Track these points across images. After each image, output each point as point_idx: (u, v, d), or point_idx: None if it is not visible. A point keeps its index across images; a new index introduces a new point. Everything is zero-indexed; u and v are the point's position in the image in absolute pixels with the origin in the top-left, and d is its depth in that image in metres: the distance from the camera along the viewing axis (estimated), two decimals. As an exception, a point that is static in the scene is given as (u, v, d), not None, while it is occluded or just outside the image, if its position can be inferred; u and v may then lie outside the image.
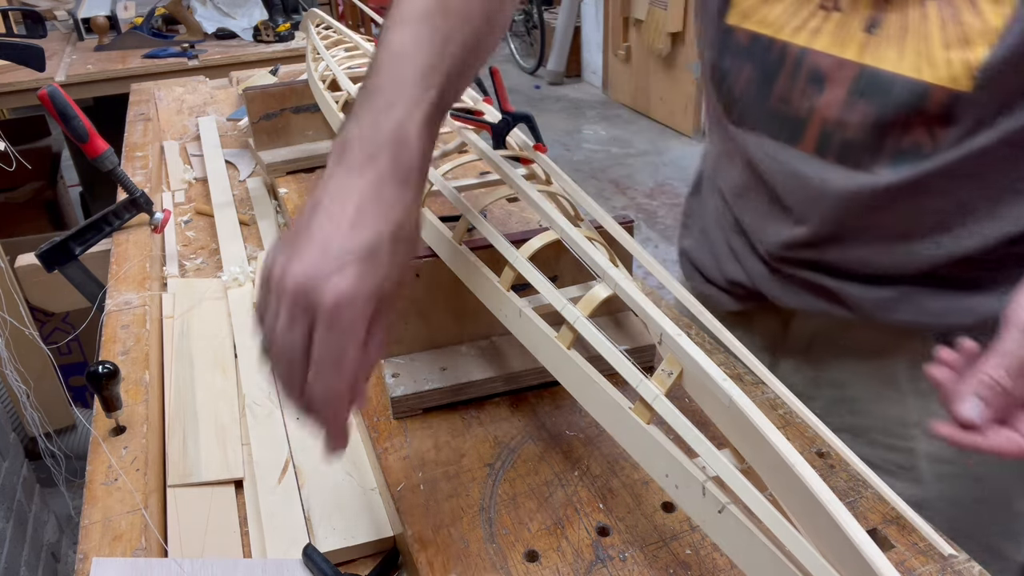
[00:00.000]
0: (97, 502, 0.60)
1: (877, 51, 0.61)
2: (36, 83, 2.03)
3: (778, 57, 0.69)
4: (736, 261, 0.79)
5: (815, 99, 0.65)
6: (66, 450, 1.00)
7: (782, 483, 0.38)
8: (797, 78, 0.67)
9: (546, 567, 0.51)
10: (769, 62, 0.69)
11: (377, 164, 0.44)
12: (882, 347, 0.71)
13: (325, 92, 0.99)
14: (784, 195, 0.70)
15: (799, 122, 0.67)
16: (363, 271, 0.41)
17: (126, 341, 0.80)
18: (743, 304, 0.81)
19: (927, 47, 0.57)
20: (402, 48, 0.49)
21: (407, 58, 0.49)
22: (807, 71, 0.66)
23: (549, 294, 0.53)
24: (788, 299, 0.74)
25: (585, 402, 0.50)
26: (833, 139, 0.65)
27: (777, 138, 0.70)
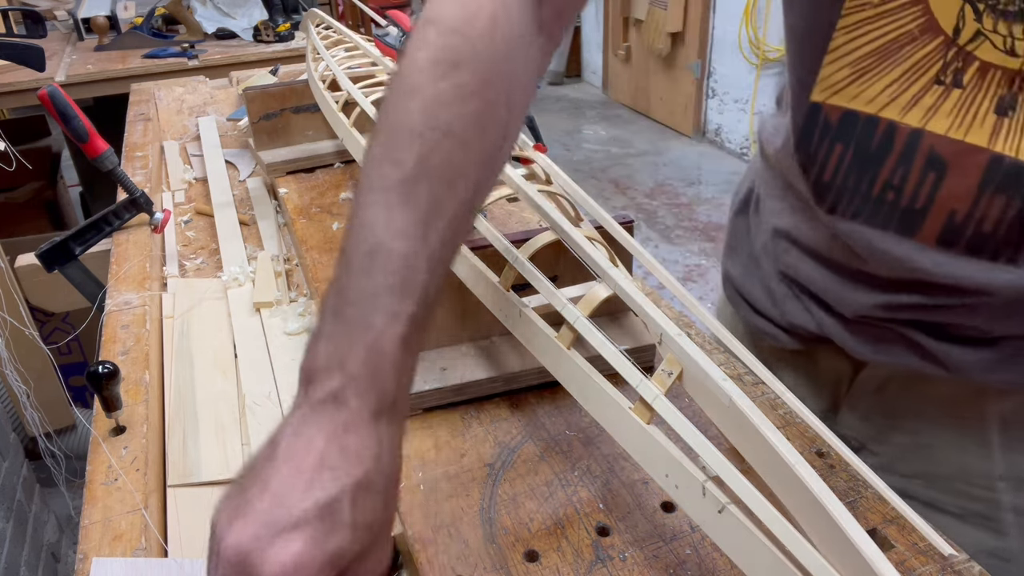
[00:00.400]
0: (97, 502, 0.60)
1: (1015, 139, 0.53)
2: (36, 83, 2.03)
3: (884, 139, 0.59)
4: (798, 301, 0.71)
5: (936, 188, 0.57)
6: (66, 450, 1.00)
7: (782, 483, 0.38)
8: (910, 163, 0.58)
9: (546, 567, 0.51)
10: (871, 144, 0.60)
11: (345, 403, 0.38)
12: (971, 400, 0.64)
13: (325, 92, 0.99)
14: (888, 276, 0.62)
15: (915, 212, 0.59)
16: (316, 535, 0.36)
17: (126, 341, 0.80)
18: (805, 345, 0.72)
19: None
20: (375, 237, 0.41)
21: (382, 254, 0.41)
22: (923, 156, 0.57)
23: (549, 294, 0.53)
24: (867, 352, 0.66)
25: (585, 402, 0.50)
26: (964, 232, 0.57)
27: (885, 228, 0.61)
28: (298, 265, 0.97)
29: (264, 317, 0.87)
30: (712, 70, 4.06)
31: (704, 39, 4.02)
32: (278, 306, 0.89)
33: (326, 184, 1.08)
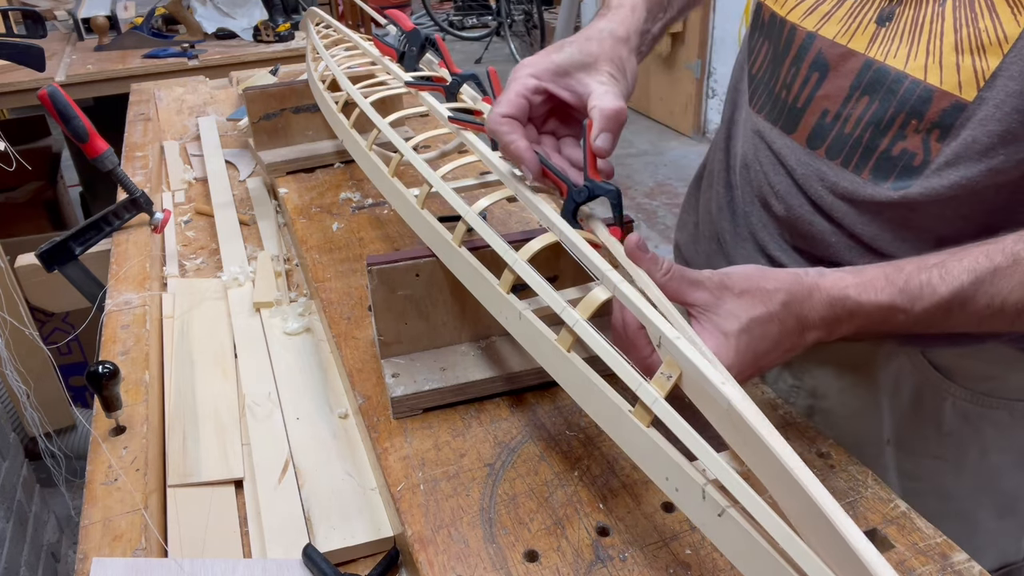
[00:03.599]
0: (97, 502, 0.60)
1: (887, 46, 0.58)
2: (36, 83, 2.03)
3: (788, 40, 0.66)
4: (721, 253, 0.78)
5: (816, 88, 0.63)
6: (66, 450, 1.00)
7: (781, 486, 0.38)
8: (801, 63, 0.65)
9: (546, 567, 0.51)
10: (779, 44, 0.67)
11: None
12: (865, 360, 0.69)
13: (325, 92, 0.99)
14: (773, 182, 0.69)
15: (797, 111, 0.65)
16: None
17: (126, 341, 0.80)
18: None
19: (939, 48, 0.55)
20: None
21: None
22: (811, 57, 0.64)
23: (548, 297, 0.53)
24: None
25: (585, 404, 0.50)
26: (828, 132, 0.63)
27: (775, 123, 0.68)
28: (298, 265, 0.97)
29: (264, 317, 0.87)
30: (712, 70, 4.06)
31: (704, 39, 4.02)
32: (278, 306, 0.89)
33: (326, 184, 1.08)
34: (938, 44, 0.55)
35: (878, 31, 0.59)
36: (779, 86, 0.67)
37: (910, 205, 0.59)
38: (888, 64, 0.58)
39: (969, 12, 0.53)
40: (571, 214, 0.58)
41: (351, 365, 0.71)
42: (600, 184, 0.56)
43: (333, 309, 0.79)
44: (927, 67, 0.56)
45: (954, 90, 0.54)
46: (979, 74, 0.53)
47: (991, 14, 0.52)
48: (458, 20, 6.84)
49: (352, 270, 0.86)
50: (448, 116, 0.74)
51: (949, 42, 0.54)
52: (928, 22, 0.56)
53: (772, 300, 0.50)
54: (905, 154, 0.58)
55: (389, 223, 0.96)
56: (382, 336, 0.67)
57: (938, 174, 0.57)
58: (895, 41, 0.58)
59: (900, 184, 0.59)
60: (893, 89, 0.58)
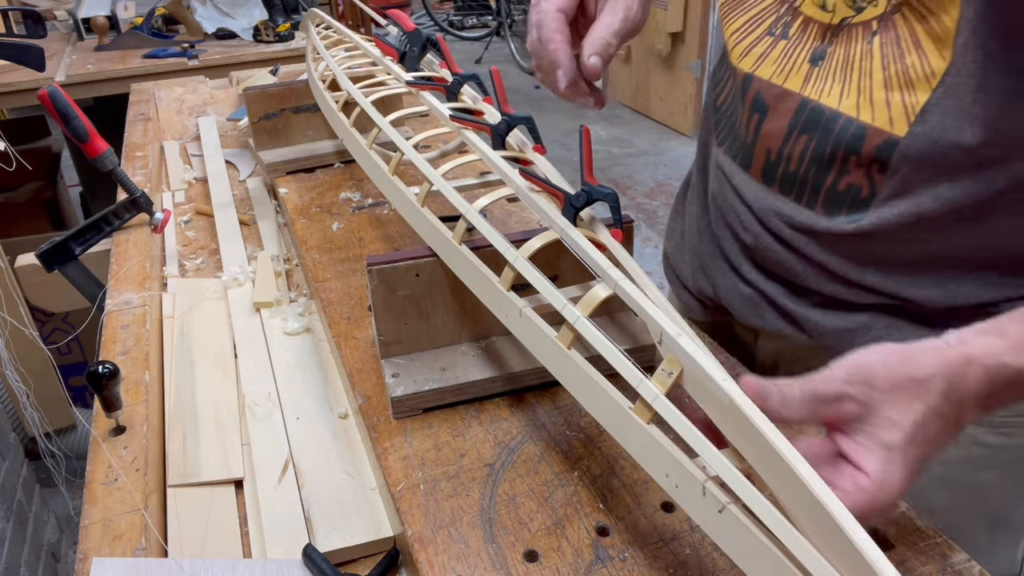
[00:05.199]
0: (97, 502, 0.60)
1: (820, 85, 0.59)
2: (36, 83, 2.03)
3: (732, 79, 0.68)
4: (703, 271, 0.78)
5: (759, 127, 0.64)
6: (66, 450, 1.00)
7: (782, 482, 0.38)
8: (744, 103, 0.66)
9: (546, 567, 0.51)
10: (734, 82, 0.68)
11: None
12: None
13: (325, 92, 0.99)
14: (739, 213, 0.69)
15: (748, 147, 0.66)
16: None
17: (126, 341, 0.80)
18: (713, 316, 0.79)
19: (869, 86, 0.56)
20: None
21: None
22: (752, 97, 0.65)
23: (549, 294, 0.53)
24: (750, 317, 0.72)
25: (585, 402, 0.50)
26: (777, 170, 0.63)
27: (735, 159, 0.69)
28: (298, 265, 0.97)
29: (264, 317, 0.87)
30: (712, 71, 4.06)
31: (704, 39, 4.02)
32: (278, 306, 0.89)
33: (326, 184, 1.08)
34: (868, 82, 0.56)
35: (812, 70, 0.60)
36: (737, 122, 0.68)
37: (866, 236, 0.59)
38: (822, 103, 0.59)
39: (896, 49, 0.54)
40: (571, 220, 0.58)
41: (351, 365, 0.71)
42: (597, 188, 0.57)
43: (333, 309, 0.79)
44: (859, 105, 0.56)
45: (885, 126, 0.55)
46: (909, 109, 0.53)
47: (917, 50, 0.53)
48: (458, 20, 6.84)
49: (352, 270, 0.86)
50: (449, 115, 0.75)
51: (878, 79, 0.55)
52: (858, 60, 0.57)
53: (930, 392, 0.42)
54: (851, 188, 0.59)
55: (389, 223, 0.96)
56: (382, 336, 0.67)
57: (888, 205, 0.57)
58: (828, 80, 0.59)
59: (853, 217, 0.59)
60: (829, 127, 0.58)
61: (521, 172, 0.63)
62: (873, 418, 0.41)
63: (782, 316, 0.69)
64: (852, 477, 0.40)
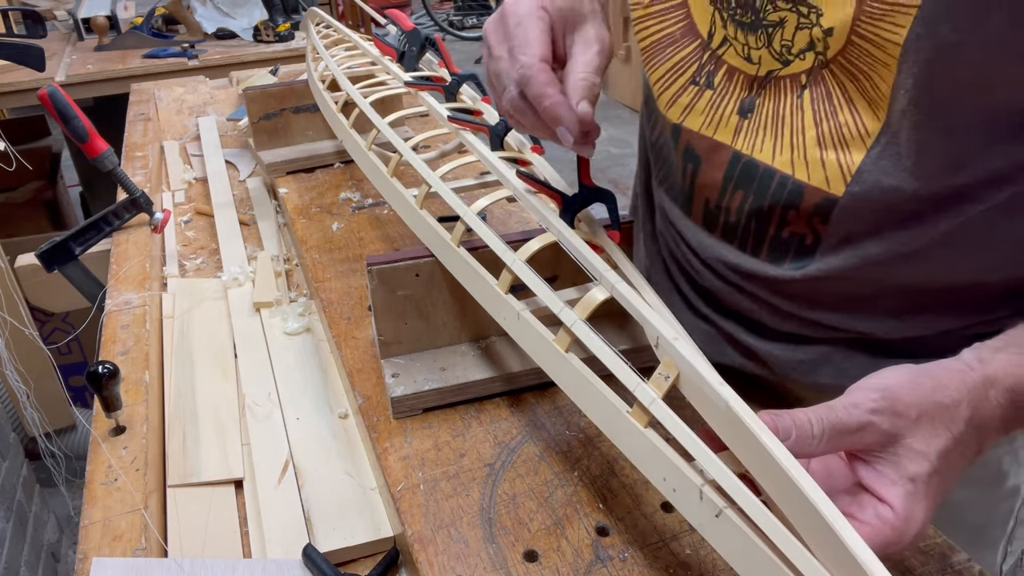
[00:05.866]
0: (97, 502, 0.60)
1: (752, 138, 0.57)
2: (36, 83, 2.03)
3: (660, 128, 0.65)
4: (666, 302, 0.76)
5: (694, 177, 0.62)
6: (66, 450, 1.00)
7: (778, 487, 0.38)
8: (674, 153, 0.64)
9: (546, 567, 0.51)
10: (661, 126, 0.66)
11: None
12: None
13: (325, 92, 0.99)
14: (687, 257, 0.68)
15: (686, 195, 0.64)
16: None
17: (126, 341, 0.80)
18: None
19: (802, 143, 0.54)
20: None
21: None
22: (683, 147, 0.63)
23: (546, 297, 0.53)
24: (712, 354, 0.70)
25: (582, 405, 0.51)
26: (717, 219, 0.62)
27: (675, 202, 0.67)
28: (298, 265, 0.97)
29: (264, 317, 0.87)
30: (712, 70, 4.06)
31: None
32: (278, 306, 0.89)
33: (326, 184, 1.08)
34: (801, 139, 0.54)
35: (741, 123, 0.58)
36: (672, 167, 0.66)
37: (814, 281, 0.58)
38: (756, 158, 0.57)
39: (827, 105, 0.52)
40: (569, 221, 0.58)
41: (351, 365, 0.71)
42: (595, 189, 0.57)
43: (333, 309, 0.79)
44: (794, 162, 0.55)
45: (822, 186, 0.54)
46: (844, 169, 0.52)
47: (850, 108, 0.51)
48: (458, 20, 6.84)
49: (352, 270, 0.86)
50: (447, 116, 0.75)
51: (811, 136, 0.53)
52: (789, 115, 0.55)
53: (956, 420, 0.40)
54: (794, 236, 0.57)
55: (389, 223, 0.96)
56: (382, 336, 0.67)
57: (834, 252, 0.56)
58: (759, 134, 0.57)
59: (798, 264, 0.58)
60: (765, 183, 0.57)
61: (519, 174, 0.63)
62: (899, 448, 0.39)
63: (743, 352, 0.68)
64: (874, 509, 0.39)
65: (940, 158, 0.50)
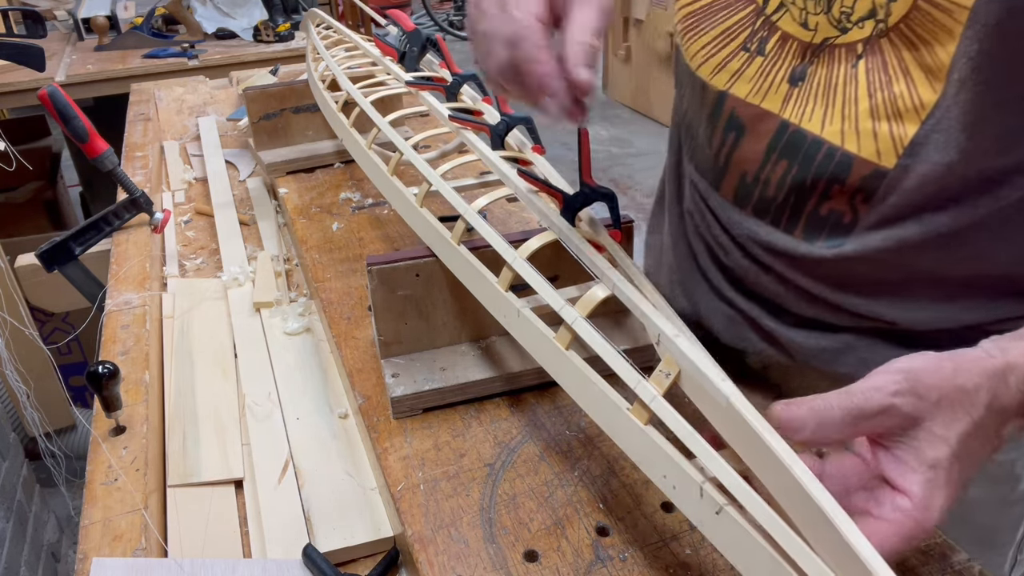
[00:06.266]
0: (97, 502, 0.60)
1: (801, 107, 0.56)
2: (36, 83, 2.03)
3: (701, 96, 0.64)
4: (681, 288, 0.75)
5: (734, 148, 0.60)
6: (66, 450, 1.00)
7: (779, 484, 0.38)
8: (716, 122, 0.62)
9: (546, 567, 0.51)
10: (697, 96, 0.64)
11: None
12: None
13: (325, 92, 0.99)
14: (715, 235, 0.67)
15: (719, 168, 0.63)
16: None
17: (126, 341, 0.80)
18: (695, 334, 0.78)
19: (854, 113, 0.53)
20: None
21: None
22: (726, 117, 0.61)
23: (547, 295, 0.53)
24: (732, 338, 0.70)
25: (583, 403, 0.50)
26: (752, 193, 0.61)
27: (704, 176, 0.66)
28: (298, 265, 0.97)
29: (264, 317, 0.87)
30: (712, 70, 4.06)
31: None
32: (278, 306, 0.89)
33: (326, 184, 1.08)
34: (853, 109, 0.53)
35: (791, 91, 0.57)
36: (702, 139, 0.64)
37: (847, 261, 0.57)
38: (804, 127, 0.56)
39: (883, 75, 0.51)
40: (570, 220, 0.58)
41: (351, 365, 0.71)
42: (596, 188, 0.56)
43: (333, 309, 0.79)
44: (844, 132, 0.54)
45: (873, 158, 0.52)
46: (897, 141, 0.51)
47: (906, 79, 0.50)
48: (458, 20, 6.84)
49: (352, 270, 0.86)
50: (448, 115, 0.75)
51: (864, 107, 0.52)
52: (841, 84, 0.54)
53: (976, 404, 0.40)
54: (833, 214, 0.57)
55: (389, 223, 0.96)
56: (382, 336, 0.67)
57: (871, 232, 0.55)
58: (809, 103, 0.56)
59: (833, 243, 0.57)
60: (811, 155, 0.56)
61: (520, 173, 0.63)
62: (918, 432, 0.38)
63: (764, 337, 0.68)
64: (892, 501, 0.38)
65: (993, 133, 0.49)
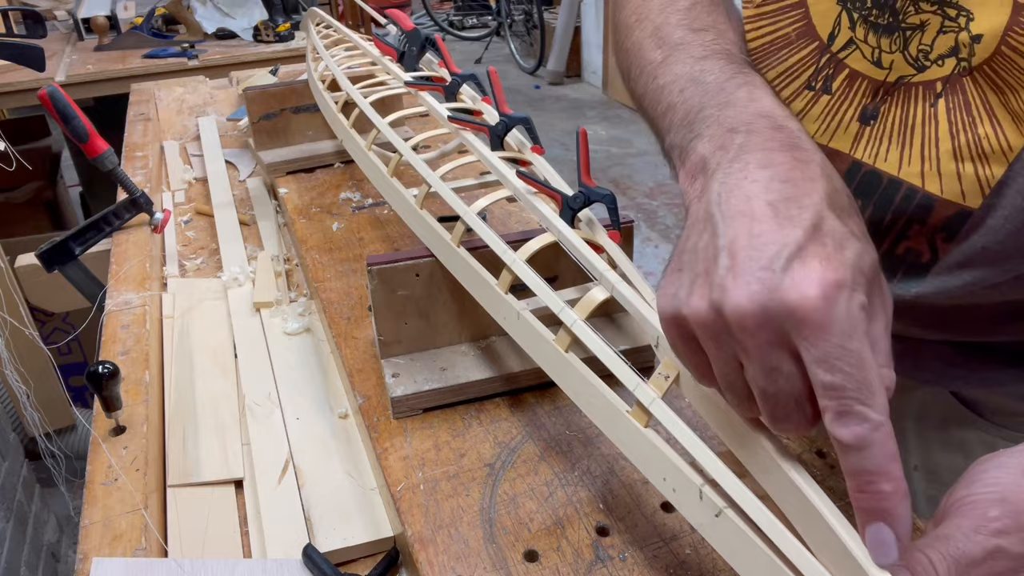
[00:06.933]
0: (97, 502, 0.60)
1: (875, 147, 0.54)
2: (36, 83, 2.03)
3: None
4: None
5: None
6: (66, 450, 1.00)
7: (778, 487, 0.38)
8: None
9: (546, 567, 0.51)
10: None
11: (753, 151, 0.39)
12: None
13: (325, 92, 0.99)
14: None
15: None
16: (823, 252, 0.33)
17: (126, 341, 0.80)
18: None
19: (935, 155, 0.50)
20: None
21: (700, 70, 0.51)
22: None
23: (546, 297, 0.53)
24: None
25: (583, 405, 0.51)
26: None
27: None
28: (298, 265, 0.97)
29: (264, 317, 0.87)
30: (712, 70, 4.05)
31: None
32: (278, 306, 0.89)
33: (326, 184, 1.08)
34: (934, 150, 0.51)
35: (862, 130, 0.55)
36: None
37: (923, 303, 0.55)
38: (879, 168, 0.54)
39: (965, 116, 0.49)
40: (569, 222, 0.58)
41: (351, 365, 0.71)
42: (595, 189, 0.56)
43: (333, 309, 0.79)
44: (924, 174, 0.51)
45: (956, 199, 0.50)
46: (983, 183, 0.49)
47: (991, 120, 0.48)
48: (458, 20, 6.84)
49: (352, 270, 0.86)
50: (447, 116, 0.75)
51: (946, 148, 0.50)
52: (920, 124, 0.51)
53: None
54: (910, 253, 0.54)
55: (389, 223, 0.96)
56: (382, 336, 0.67)
57: (949, 273, 0.53)
58: (883, 142, 0.54)
59: (909, 284, 0.55)
60: (889, 195, 0.54)
61: (519, 174, 0.63)
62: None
63: None
64: None
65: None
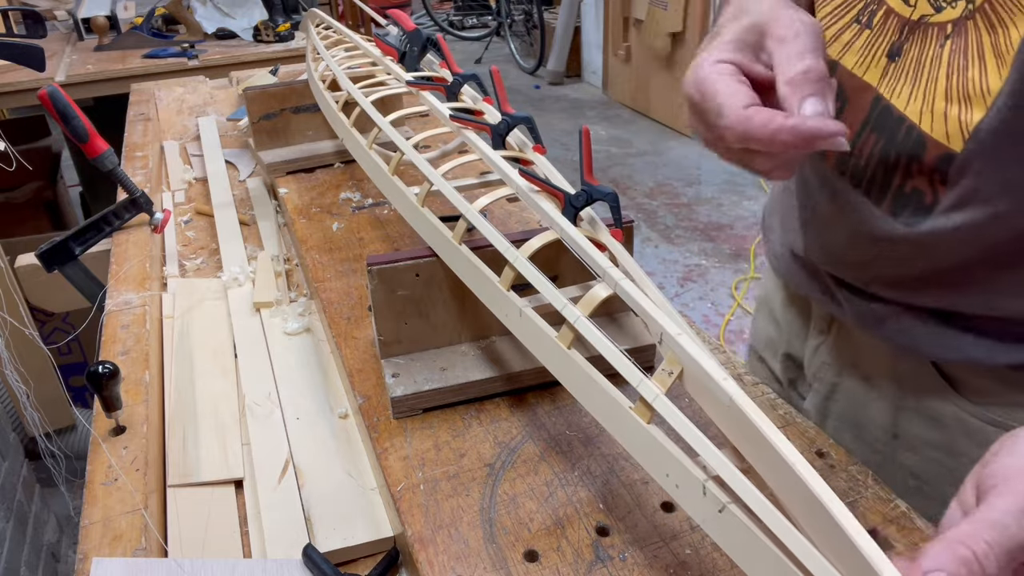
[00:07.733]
0: (97, 502, 0.60)
1: (894, 83, 0.57)
2: (36, 83, 2.03)
3: None
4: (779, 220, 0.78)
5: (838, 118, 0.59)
6: (66, 450, 1.00)
7: (782, 482, 0.38)
8: None
9: (546, 567, 0.51)
10: None
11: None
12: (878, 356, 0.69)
13: (325, 92, 0.99)
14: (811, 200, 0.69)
15: None
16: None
17: (126, 341, 0.80)
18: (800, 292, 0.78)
19: (933, 93, 0.54)
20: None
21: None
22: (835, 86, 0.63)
23: (549, 294, 0.53)
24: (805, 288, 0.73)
25: (585, 402, 0.50)
26: (848, 161, 0.62)
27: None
28: (298, 265, 0.97)
29: (264, 317, 0.87)
30: (712, 70, 4.05)
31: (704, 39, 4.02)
32: (278, 306, 0.89)
33: (326, 184, 1.08)
34: (932, 89, 0.54)
35: (888, 66, 0.58)
36: None
37: (918, 242, 0.58)
38: (893, 103, 0.57)
39: (962, 58, 0.52)
40: (571, 219, 0.58)
41: (351, 365, 0.71)
42: (597, 188, 0.57)
43: (333, 309, 0.79)
44: (922, 112, 0.54)
45: (943, 139, 0.53)
46: (964, 126, 0.52)
47: (980, 63, 0.50)
48: (458, 20, 6.85)
49: (352, 270, 0.86)
50: (449, 115, 0.75)
51: (940, 88, 0.53)
52: (928, 64, 0.54)
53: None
54: (916, 193, 0.57)
55: (389, 223, 0.96)
56: (382, 336, 0.67)
57: (945, 215, 0.56)
58: (900, 79, 0.57)
59: (911, 220, 0.58)
60: (894, 130, 0.57)
61: (521, 172, 0.63)
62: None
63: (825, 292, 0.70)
64: None
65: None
